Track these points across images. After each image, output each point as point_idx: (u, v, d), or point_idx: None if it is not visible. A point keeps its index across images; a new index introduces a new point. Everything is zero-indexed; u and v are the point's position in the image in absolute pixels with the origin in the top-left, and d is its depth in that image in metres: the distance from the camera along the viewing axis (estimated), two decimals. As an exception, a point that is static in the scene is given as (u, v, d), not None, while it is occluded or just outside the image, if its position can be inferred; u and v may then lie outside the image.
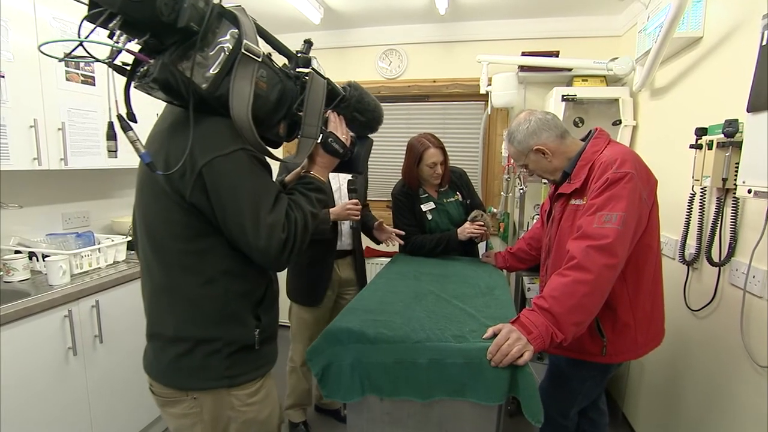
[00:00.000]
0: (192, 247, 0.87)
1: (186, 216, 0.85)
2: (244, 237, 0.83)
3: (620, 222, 1.10)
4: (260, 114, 0.83)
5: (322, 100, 0.93)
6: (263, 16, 2.73)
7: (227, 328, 0.91)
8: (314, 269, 1.94)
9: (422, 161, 1.93)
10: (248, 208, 0.82)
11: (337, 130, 1.01)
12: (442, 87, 2.94)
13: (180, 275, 0.88)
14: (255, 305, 0.96)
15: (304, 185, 0.97)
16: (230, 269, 0.89)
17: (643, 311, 1.25)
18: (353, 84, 1.04)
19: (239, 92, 0.77)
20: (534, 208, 2.72)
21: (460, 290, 1.47)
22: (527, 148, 1.33)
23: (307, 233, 0.91)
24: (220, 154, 0.81)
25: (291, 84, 0.90)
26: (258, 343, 0.96)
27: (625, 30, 2.52)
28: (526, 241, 1.79)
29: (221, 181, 0.81)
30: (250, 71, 0.79)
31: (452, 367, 1.04)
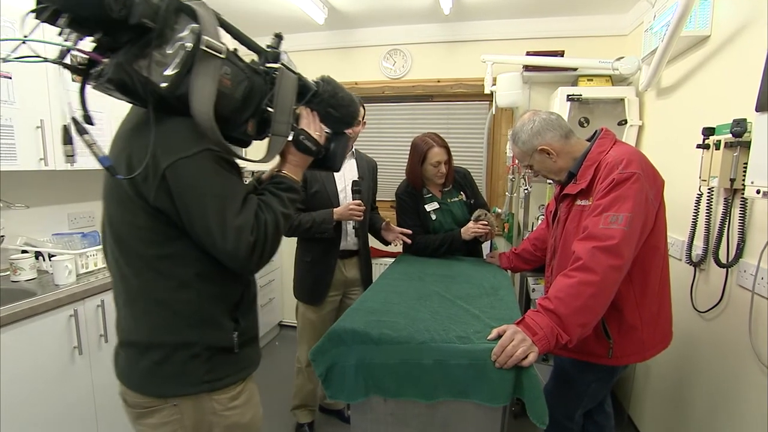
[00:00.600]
0: (162, 252, 0.84)
1: (152, 220, 0.82)
2: (211, 240, 0.81)
3: (626, 223, 1.09)
4: (225, 112, 0.80)
5: (292, 97, 0.89)
6: (267, 16, 2.74)
7: (204, 332, 0.89)
8: (317, 268, 1.95)
9: (426, 160, 1.93)
10: (214, 211, 0.80)
11: (310, 127, 0.97)
12: (447, 87, 2.93)
13: (152, 280, 0.86)
14: (232, 308, 0.93)
15: (276, 185, 0.94)
16: (203, 272, 0.87)
17: (649, 312, 1.24)
18: (326, 78, 1.00)
19: (200, 90, 0.73)
20: (539, 209, 2.70)
21: (465, 291, 1.46)
22: (531, 148, 1.33)
23: (279, 235, 0.89)
24: (183, 156, 0.78)
25: (259, 80, 0.86)
26: (237, 346, 0.93)
27: (631, 29, 2.50)
28: (530, 241, 1.78)
29: (185, 183, 0.78)
30: (212, 68, 0.75)
31: (457, 368, 1.03)
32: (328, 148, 1.04)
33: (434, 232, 2.01)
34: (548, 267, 1.47)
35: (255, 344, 1.04)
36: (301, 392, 2.09)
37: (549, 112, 1.36)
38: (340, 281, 2.01)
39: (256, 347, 1.04)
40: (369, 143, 3.14)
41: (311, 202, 1.91)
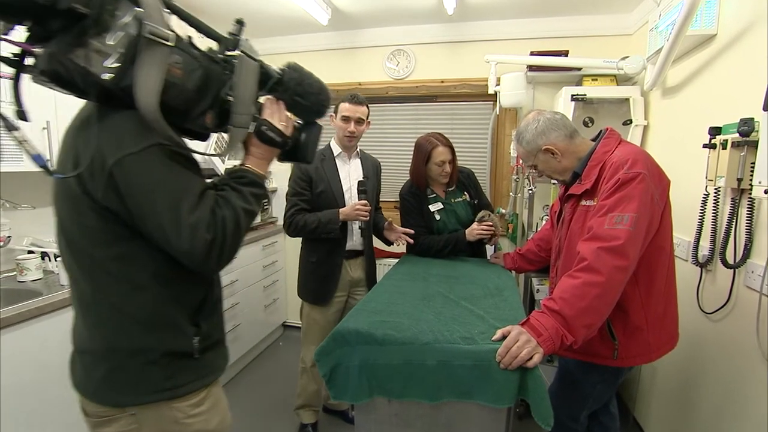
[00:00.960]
0: (113, 253, 0.80)
1: (101, 220, 0.78)
2: (166, 239, 0.77)
3: (632, 223, 1.08)
4: (178, 104, 0.76)
5: (253, 85, 0.84)
6: (271, 18, 2.75)
7: (162, 337, 0.85)
8: (323, 268, 1.95)
9: (431, 159, 1.93)
10: (167, 209, 0.75)
11: (274, 117, 0.92)
12: (450, 87, 2.92)
13: (105, 284, 0.81)
14: (193, 312, 0.89)
15: (237, 179, 0.89)
16: (160, 273, 0.82)
17: (655, 313, 1.23)
18: (293, 65, 0.94)
19: (144, 81, 0.69)
20: (543, 209, 2.69)
21: (469, 291, 1.46)
22: (536, 148, 1.32)
23: (239, 232, 0.84)
24: (131, 152, 0.73)
25: (217, 69, 0.81)
26: (198, 351, 0.89)
27: (636, 28, 2.49)
28: (535, 242, 1.78)
29: (134, 180, 0.74)
30: (159, 57, 0.70)
31: (461, 369, 1.03)
32: (299, 138, 0.99)
33: (438, 233, 2.01)
34: (553, 267, 1.47)
35: (220, 348, 0.99)
36: (305, 392, 2.09)
37: (553, 111, 1.35)
38: (346, 281, 2.01)
39: (221, 352, 1.00)
40: (372, 144, 3.14)
41: (316, 202, 1.91)
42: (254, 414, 2.33)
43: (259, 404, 2.42)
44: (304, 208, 1.91)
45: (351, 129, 1.88)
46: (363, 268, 2.07)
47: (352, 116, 1.87)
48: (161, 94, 0.71)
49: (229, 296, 2.56)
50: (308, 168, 1.92)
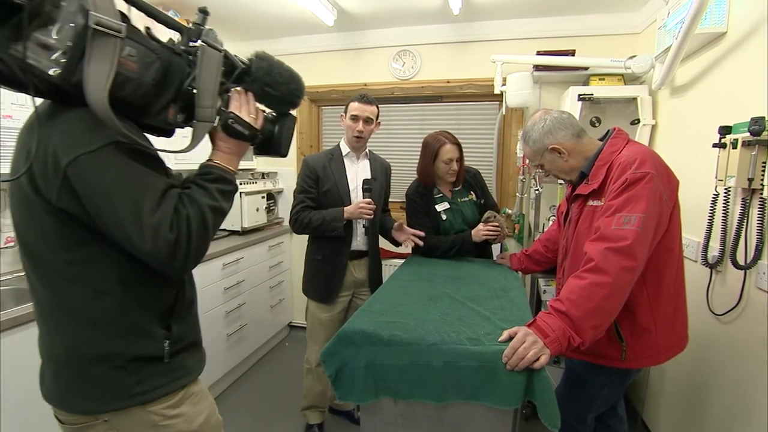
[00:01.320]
0: (74, 257, 0.76)
1: (58, 223, 0.74)
2: (129, 242, 0.74)
3: (639, 223, 1.07)
4: (135, 99, 0.72)
5: (215, 77, 0.80)
6: (277, 19, 2.76)
7: (128, 341, 0.81)
8: (329, 266, 1.96)
9: (438, 157, 1.93)
10: (127, 210, 0.72)
11: (241, 110, 0.88)
12: (456, 87, 2.92)
13: (66, 289, 0.78)
14: (163, 315, 0.86)
15: (203, 176, 0.85)
16: (125, 277, 0.79)
17: (664, 315, 1.21)
18: (261, 55, 0.90)
19: (94, 76, 0.65)
20: (550, 210, 2.67)
21: (475, 292, 1.45)
22: (542, 147, 1.31)
23: (206, 231, 0.81)
24: (85, 151, 0.70)
25: (178, 61, 0.77)
26: (168, 355, 0.86)
27: (644, 27, 2.47)
28: (541, 242, 1.77)
29: (91, 181, 0.71)
30: (109, 50, 0.65)
31: (467, 370, 1.03)
32: (272, 131, 0.96)
33: (445, 233, 2.00)
34: (560, 268, 1.46)
35: (195, 350, 0.96)
36: (310, 393, 2.10)
37: (560, 111, 1.35)
38: (351, 282, 2.01)
39: (196, 353, 0.96)
40: (378, 144, 3.14)
41: (322, 200, 1.92)
42: (260, 414, 2.34)
43: (264, 404, 2.43)
44: (309, 205, 1.92)
45: (359, 128, 1.88)
46: (367, 270, 2.06)
47: (361, 115, 1.87)
48: (117, 89, 0.68)
49: (236, 297, 2.57)
50: (316, 166, 1.93)
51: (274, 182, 3.20)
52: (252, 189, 2.87)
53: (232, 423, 2.23)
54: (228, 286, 2.48)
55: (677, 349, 1.28)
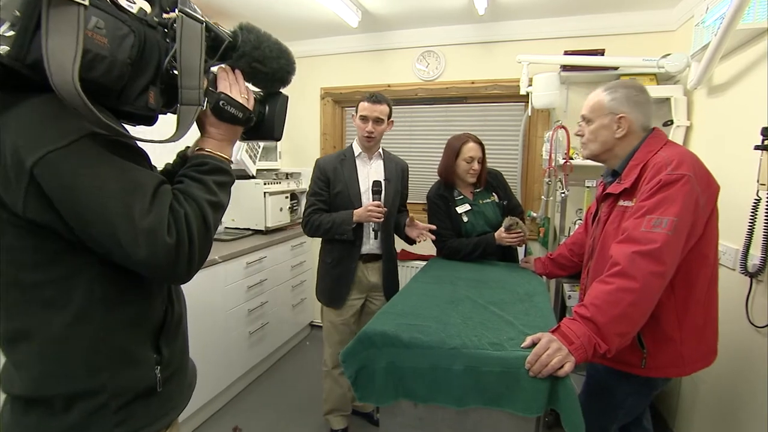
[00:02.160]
0: (47, 276, 0.64)
1: (28, 238, 0.62)
2: (120, 251, 0.62)
3: (671, 227, 1.02)
4: (109, 82, 0.61)
5: (199, 52, 0.69)
6: (303, 21, 2.80)
7: (113, 372, 0.69)
8: (337, 270, 1.94)
9: (460, 155, 1.92)
10: (115, 214, 0.60)
11: (232, 89, 0.78)
12: (481, 88, 2.88)
13: (38, 315, 0.65)
14: (153, 335, 0.74)
15: (196, 168, 0.74)
16: (108, 295, 0.68)
17: (691, 326, 1.16)
18: (246, 26, 0.78)
19: (57, 53, 0.53)
20: (576, 213, 2.60)
21: (498, 296, 1.43)
22: (614, 109, 1.24)
23: (208, 229, 0.71)
24: (55, 147, 0.57)
25: (154, 35, 0.66)
26: (162, 383, 0.74)
27: (680, 24, 2.37)
28: (567, 246, 1.72)
29: (66, 183, 0.58)
30: (73, 21, 0.54)
31: (488, 375, 1.01)
32: (263, 112, 0.86)
33: (466, 235, 1.98)
34: (584, 268, 1.41)
35: (182, 377, 0.83)
36: (331, 397, 2.08)
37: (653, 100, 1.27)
38: (363, 285, 1.99)
39: (182, 380, 0.84)
40: (402, 145, 3.14)
41: (333, 202, 1.91)
42: (280, 413, 2.36)
43: (284, 403, 2.45)
44: (321, 208, 1.92)
45: (369, 129, 1.86)
46: (380, 274, 2.01)
47: (370, 115, 1.85)
48: (85, 70, 0.56)
49: (258, 295, 2.61)
50: (327, 168, 1.93)
51: (298, 182, 3.24)
52: (276, 189, 2.91)
53: (252, 421, 2.26)
54: (251, 284, 2.53)
55: (704, 363, 1.21)
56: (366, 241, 1.94)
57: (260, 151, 3.00)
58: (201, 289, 2.13)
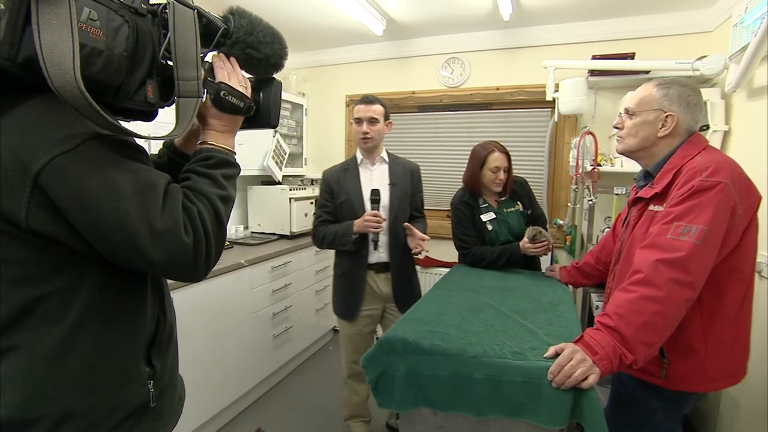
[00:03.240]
0: (51, 288, 0.60)
1: (28, 251, 0.58)
2: (137, 255, 0.60)
3: (700, 236, 0.98)
4: (108, 77, 0.57)
5: (195, 40, 0.66)
6: (328, 30, 2.86)
7: (106, 390, 0.65)
8: (347, 282, 1.93)
9: (485, 165, 1.89)
10: (131, 217, 0.58)
11: (230, 78, 0.75)
12: (506, 94, 2.86)
13: (29, 331, 0.60)
14: (146, 348, 0.71)
15: (202, 162, 0.72)
16: (106, 306, 0.65)
17: (718, 340, 1.09)
18: (237, 10, 0.75)
19: (53, 50, 0.49)
20: (604, 221, 2.53)
21: (521, 305, 1.40)
22: (664, 107, 1.17)
23: (221, 224, 0.69)
24: (62, 151, 0.55)
25: (146, 24, 0.62)
26: (155, 398, 0.71)
27: (717, 25, 2.28)
28: (594, 255, 1.67)
29: (76, 189, 0.56)
30: (64, 13, 0.50)
31: (509, 385, 0.99)
32: (258, 100, 0.84)
33: (490, 243, 1.95)
34: (611, 272, 1.36)
35: (173, 391, 0.80)
36: (350, 403, 2.08)
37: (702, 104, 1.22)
38: (377, 295, 1.94)
39: (173, 394, 0.81)
40: (426, 152, 3.14)
41: (339, 212, 1.91)
42: (302, 416, 2.38)
43: (307, 407, 2.48)
44: (327, 219, 1.92)
45: (364, 129, 1.83)
46: (390, 284, 1.93)
47: (363, 116, 1.83)
48: (84, 66, 0.52)
49: (283, 299, 2.66)
50: (330, 179, 1.93)
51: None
52: (301, 195, 2.97)
53: (275, 423, 2.29)
54: (276, 288, 2.58)
55: (731, 381, 1.14)
56: (372, 250, 1.88)
57: (286, 158, 3.07)
58: (228, 292, 2.19)
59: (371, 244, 1.83)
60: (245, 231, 3.03)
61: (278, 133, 2.99)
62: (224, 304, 2.17)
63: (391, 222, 1.88)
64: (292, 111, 3.25)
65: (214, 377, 2.11)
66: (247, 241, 2.75)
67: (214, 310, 2.10)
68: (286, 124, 3.19)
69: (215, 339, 2.11)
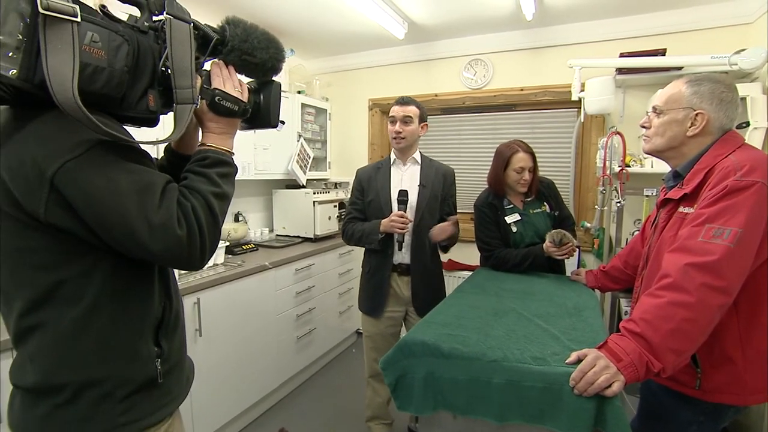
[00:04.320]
0: (67, 274, 0.70)
1: (49, 241, 0.68)
2: (138, 245, 0.68)
3: (734, 239, 0.92)
4: (110, 91, 0.66)
5: (189, 52, 0.72)
6: (350, 35, 2.89)
7: (119, 363, 0.75)
8: (374, 279, 1.95)
9: (509, 165, 1.87)
10: (130, 213, 0.66)
11: (226, 84, 0.82)
12: (530, 95, 2.81)
13: (52, 310, 0.70)
14: (154, 329, 0.80)
15: (199, 162, 0.79)
16: (118, 290, 0.74)
17: (757, 350, 1.03)
18: (233, 19, 0.82)
19: (56, 70, 0.57)
20: (634, 224, 2.44)
21: (544, 309, 1.37)
22: (693, 105, 1.11)
23: (215, 218, 0.76)
24: (71, 157, 0.64)
25: (147, 41, 0.71)
26: (162, 375, 0.80)
27: (757, 15, 2.16)
28: (621, 258, 1.61)
29: (85, 189, 0.65)
30: (68, 38, 0.58)
31: (530, 390, 0.97)
32: (258, 102, 0.90)
33: (515, 245, 1.92)
34: (638, 277, 1.31)
35: (181, 369, 0.88)
36: (372, 404, 2.08)
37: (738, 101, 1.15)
38: (400, 298, 1.94)
39: (182, 373, 0.89)
40: (449, 154, 3.13)
41: (367, 210, 1.93)
42: (325, 418, 2.40)
43: (329, 409, 2.49)
44: (356, 217, 1.95)
45: (396, 129, 1.85)
46: (410, 287, 1.92)
47: (397, 116, 1.86)
48: (88, 83, 0.62)
49: (306, 301, 2.70)
50: (362, 177, 1.96)
51: (346, 192, 3.32)
52: (324, 198, 3.01)
53: (298, 424, 2.32)
54: (300, 290, 2.62)
55: None
56: (396, 251, 1.87)
57: (310, 162, 3.12)
58: (253, 294, 2.25)
59: (396, 245, 1.83)
60: (270, 234, 3.10)
61: (302, 138, 3.05)
62: (249, 306, 2.22)
63: (416, 223, 1.88)
64: (315, 115, 3.31)
65: (238, 377, 2.16)
66: (271, 244, 2.81)
67: (239, 311, 2.16)
68: (310, 129, 3.25)
69: (240, 339, 2.17)
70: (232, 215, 2.87)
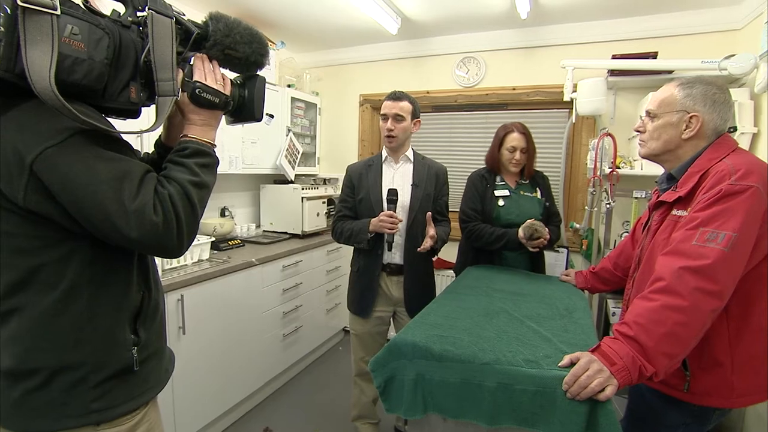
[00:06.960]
0: (46, 258, 0.71)
1: (28, 226, 0.70)
2: (115, 231, 0.69)
3: (727, 243, 0.92)
4: (91, 83, 0.67)
5: (171, 46, 0.75)
6: (343, 29, 2.85)
7: (94, 349, 0.75)
8: (363, 279, 1.91)
9: (503, 144, 1.92)
10: (108, 199, 0.67)
11: (207, 77, 0.83)
12: (523, 94, 2.80)
13: (30, 294, 0.72)
14: (132, 318, 0.81)
15: (178, 153, 0.81)
16: (95, 277, 0.75)
17: (747, 354, 1.04)
18: (216, 15, 0.83)
19: (35, 61, 0.59)
20: (623, 225, 2.46)
21: (535, 310, 1.36)
22: (687, 107, 1.11)
23: (193, 206, 0.77)
24: (51, 144, 0.65)
25: (129, 35, 0.72)
26: (139, 363, 0.80)
27: (746, 22, 2.19)
28: (611, 260, 1.61)
29: (63, 176, 0.66)
30: (45, 29, 0.60)
31: (522, 393, 0.95)
32: (243, 96, 0.92)
33: (497, 220, 1.93)
34: (629, 279, 1.31)
35: (159, 359, 0.89)
36: (358, 403, 2.06)
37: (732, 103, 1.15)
38: (389, 298, 1.91)
39: (160, 363, 0.89)
40: (440, 152, 3.12)
41: (358, 208, 1.89)
42: (310, 416, 2.38)
43: (315, 407, 2.47)
44: (346, 215, 1.91)
45: (388, 126, 1.80)
46: (401, 287, 1.88)
47: (389, 113, 1.80)
48: (68, 73, 0.63)
49: (293, 298, 2.66)
50: (352, 174, 1.92)
51: (335, 188, 3.28)
52: (313, 194, 2.96)
53: (283, 423, 2.29)
54: (287, 287, 2.58)
55: (759, 397, 1.07)
56: (386, 251, 1.82)
57: (299, 157, 3.07)
58: (239, 291, 2.20)
59: (386, 245, 1.79)
60: (257, 229, 3.05)
61: (291, 132, 2.99)
62: (234, 303, 2.18)
63: (409, 224, 1.84)
64: (305, 110, 3.25)
65: (223, 375, 2.11)
66: (258, 240, 2.76)
67: (224, 308, 2.11)
68: (299, 123, 3.19)
69: (224, 337, 2.12)
70: (219, 210, 2.81)
